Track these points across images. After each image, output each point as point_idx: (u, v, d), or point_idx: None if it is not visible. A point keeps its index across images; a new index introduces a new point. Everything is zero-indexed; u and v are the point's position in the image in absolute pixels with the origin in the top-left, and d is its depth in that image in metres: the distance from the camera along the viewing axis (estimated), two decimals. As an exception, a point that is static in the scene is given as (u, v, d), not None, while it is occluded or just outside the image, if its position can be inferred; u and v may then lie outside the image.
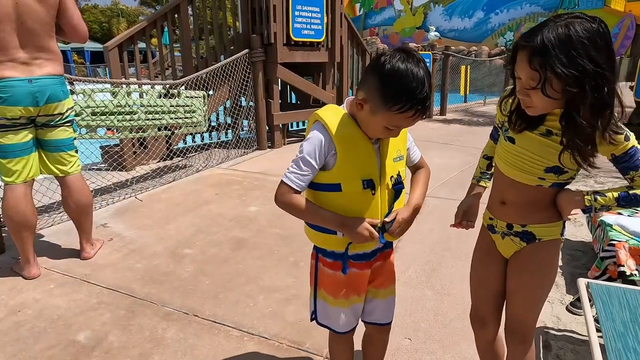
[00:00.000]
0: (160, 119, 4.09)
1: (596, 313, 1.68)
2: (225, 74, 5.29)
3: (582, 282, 1.86)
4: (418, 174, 1.45)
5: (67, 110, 2.58)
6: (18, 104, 2.33)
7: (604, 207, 1.22)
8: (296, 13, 5.63)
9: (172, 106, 4.19)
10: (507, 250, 1.40)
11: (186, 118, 4.33)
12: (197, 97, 4.42)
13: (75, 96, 3.54)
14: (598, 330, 1.62)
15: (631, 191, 1.18)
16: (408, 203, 1.35)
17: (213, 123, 5.96)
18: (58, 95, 2.47)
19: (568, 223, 3.37)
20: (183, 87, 4.77)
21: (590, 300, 1.79)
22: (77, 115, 3.43)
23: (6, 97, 2.29)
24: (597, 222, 2.48)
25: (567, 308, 2.26)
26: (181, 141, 5.55)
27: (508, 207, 1.34)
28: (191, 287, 2.47)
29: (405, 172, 1.38)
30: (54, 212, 3.50)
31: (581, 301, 1.76)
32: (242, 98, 5.80)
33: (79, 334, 2.06)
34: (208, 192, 4.13)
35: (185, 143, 5.73)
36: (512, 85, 1.23)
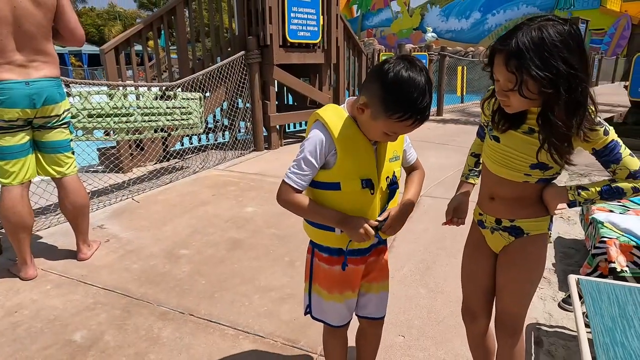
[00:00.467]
0: (156, 121, 4.11)
1: (586, 309, 1.70)
2: (221, 76, 5.31)
3: (573, 279, 1.89)
4: (413, 175, 1.48)
5: (64, 112, 2.59)
6: (15, 106, 2.34)
7: (588, 201, 1.23)
8: (292, 14, 5.66)
9: (169, 108, 4.21)
10: (497, 245, 1.43)
11: (182, 120, 4.35)
12: (194, 99, 4.44)
13: (71, 98, 3.56)
14: (587, 325, 1.64)
15: (613, 184, 1.20)
16: (401, 202, 1.38)
17: (210, 125, 5.98)
18: (55, 97, 2.49)
19: (561, 220, 3.41)
20: (179, 89, 4.79)
21: (580, 296, 1.82)
22: (74, 117, 3.45)
23: (3, 100, 2.31)
24: (589, 220, 2.51)
25: (559, 305, 2.28)
26: (178, 143, 5.57)
27: (496, 203, 1.37)
28: (187, 287, 2.49)
29: (400, 172, 1.40)
30: (51, 214, 3.52)
31: (571, 297, 1.79)
32: (239, 100, 5.83)
33: (75, 334, 2.07)
34: (205, 194, 4.14)
35: (182, 145, 5.75)
36: (493, 87, 1.26)
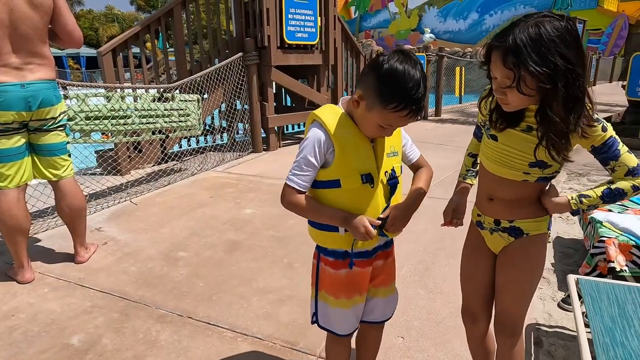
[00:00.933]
0: (154, 123, 4.10)
1: (586, 309, 1.70)
2: (219, 78, 5.30)
3: (572, 279, 1.88)
4: (419, 173, 1.46)
5: (60, 114, 2.58)
6: (11, 109, 2.33)
7: (591, 207, 1.23)
8: (289, 16, 5.65)
9: (166, 110, 4.20)
10: (496, 245, 1.42)
11: (180, 122, 4.34)
12: (191, 101, 4.43)
13: (68, 101, 3.55)
14: (587, 325, 1.64)
15: (612, 186, 1.20)
16: (404, 199, 1.37)
17: (208, 126, 5.97)
18: (50, 99, 2.48)
19: (560, 220, 3.40)
20: (177, 91, 4.78)
21: (579, 296, 1.81)
22: (71, 119, 3.44)
23: None
24: (588, 220, 2.50)
25: (559, 305, 2.27)
26: (176, 145, 5.56)
27: (495, 204, 1.36)
28: (185, 290, 2.48)
29: (400, 169, 1.39)
30: (48, 217, 3.50)
31: (570, 297, 1.78)
32: (237, 101, 5.82)
33: (73, 338, 2.06)
34: (203, 195, 4.13)
35: (180, 147, 5.74)
36: (490, 85, 1.25)
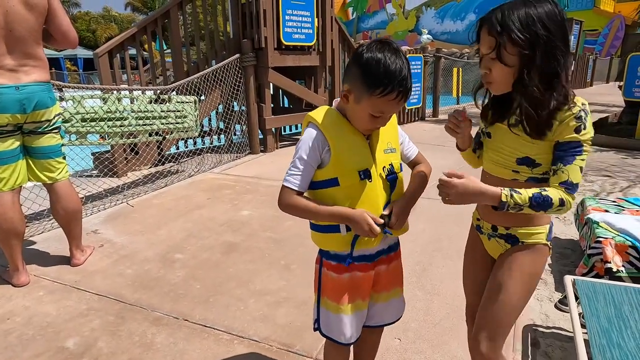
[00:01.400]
0: (151, 125, 4.09)
1: (582, 309, 1.70)
2: (216, 79, 5.30)
3: (569, 279, 1.88)
4: (417, 168, 1.45)
5: (55, 117, 2.57)
6: (5, 112, 2.32)
7: (518, 206, 1.17)
8: (287, 17, 5.66)
9: (163, 111, 4.19)
10: (494, 251, 1.40)
11: (177, 123, 4.33)
12: (188, 102, 4.42)
13: (64, 102, 3.54)
14: (584, 326, 1.64)
15: (544, 192, 1.15)
16: (404, 194, 1.36)
17: (205, 128, 5.96)
18: (45, 102, 2.47)
19: (557, 221, 3.41)
20: (174, 93, 4.77)
21: (576, 297, 1.81)
22: (67, 121, 3.43)
23: None
24: (584, 220, 2.50)
25: (556, 305, 2.27)
26: (173, 146, 5.54)
27: (492, 209, 1.33)
28: (182, 292, 2.47)
29: (399, 166, 1.38)
30: (44, 219, 3.49)
31: (567, 298, 1.78)
32: (234, 102, 5.81)
33: (68, 341, 2.05)
34: (200, 197, 4.12)
35: (177, 148, 5.73)
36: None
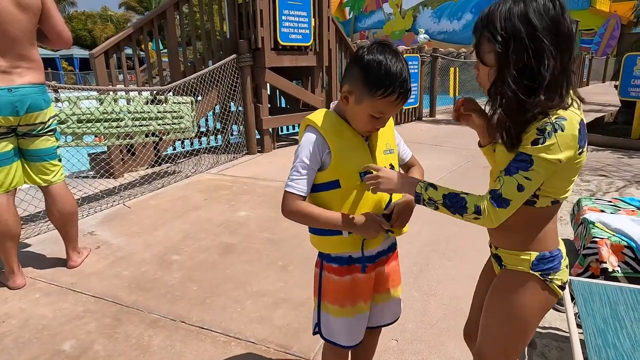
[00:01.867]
0: (147, 125, 4.08)
1: (578, 310, 1.70)
2: (213, 79, 5.29)
3: (565, 280, 1.89)
4: (413, 170, 1.47)
5: (49, 119, 2.55)
6: None
7: (432, 201, 1.11)
8: (283, 17, 5.65)
9: (160, 112, 4.18)
10: (496, 271, 1.32)
11: (174, 124, 4.32)
12: (185, 103, 4.41)
13: (60, 104, 3.52)
14: (580, 326, 1.64)
15: (462, 194, 1.09)
16: (405, 195, 1.36)
17: (202, 128, 5.95)
18: (39, 104, 2.44)
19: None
20: (170, 93, 4.76)
21: (572, 297, 1.82)
22: (63, 122, 3.42)
23: None
24: (580, 220, 2.51)
25: (552, 306, 2.28)
26: (170, 147, 5.53)
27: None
28: (179, 294, 2.46)
29: (398, 168, 1.39)
30: (41, 221, 3.47)
31: (563, 298, 1.79)
32: (231, 103, 5.80)
33: (64, 344, 2.04)
34: (197, 198, 4.11)
35: (174, 149, 5.71)
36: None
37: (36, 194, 3.37)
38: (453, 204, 1.08)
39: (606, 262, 2.14)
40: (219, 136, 6.09)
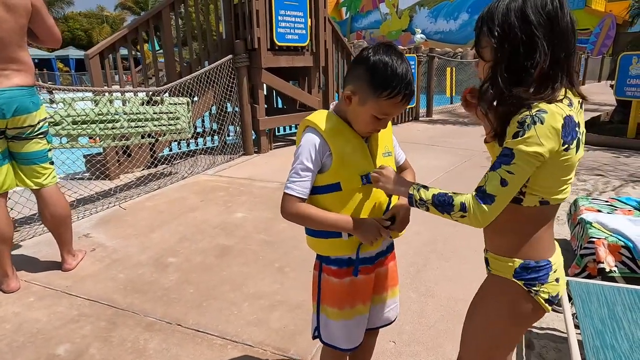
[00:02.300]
0: (143, 127, 4.05)
1: (576, 310, 1.70)
2: (209, 80, 5.27)
3: (562, 280, 1.88)
4: (406, 174, 1.47)
5: (39, 122, 2.50)
6: None
7: (422, 202, 1.10)
8: (280, 18, 5.63)
9: (156, 113, 4.16)
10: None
11: (170, 125, 4.30)
12: (181, 104, 4.39)
13: (55, 105, 3.50)
14: (578, 327, 1.64)
15: (451, 193, 1.08)
16: (401, 198, 1.35)
17: (199, 129, 5.93)
18: (27, 107, 2.39)
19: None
20: (167, 94, 4.73)
21: (570, 297, 1.81)
22: (57, 124, 3.39)
23: None
24: (577, 220, 2.51)
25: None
26: (166, 148, 5.51)
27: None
28: (175, 296, 2.44)
29: (395, 169, 1.39)
30: (35, 224, 3.44)
31: (561, 299, 1.78)
32: (228, 104, 5.78)
33: (59, 348, 2.02)
34: (193, 199, 4.09)
35: (170, 150, 5.69)
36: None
37: (31, 196, 3.34)
38: (441, 203, 1.07)
39: (603, 263, 2.14)
40: (216, 137, 6.07)
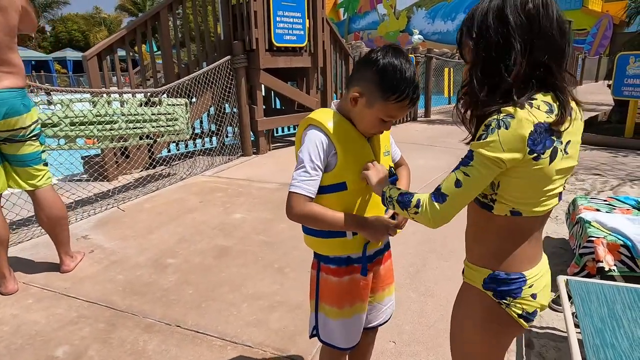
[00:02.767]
0: (141, 128, 4.05)
1: (575, 309, 1.70)
2: (207, 81, 5.26)
3: (562, 280, 1.89)
4: (401, 170, 1.47)
5: (31, 124, 2.46)
6: None
7: (390, 200, 1.10)
8: (277, 18, 5.63)
9: (154, 114, 4.15)
10: None
11: (168, 126, 4.29)
12: (179, 105, 4.38)
13: (53, 106, 3.49)
14: (577, 326, 1.64)
15: (413, 193, 1.07)
16: None
17: (197, 130, 5.92)
18: (18, 109, 2.36)
19: (550, 220, 3.42)
20: (165, 95, 4.73)
21: (569, 297, 1.81)
22: (55, 125, 3.38)
23: None
24: (576, 219, 2.52)
25: (549, 305, 2.27)
26: (164, 149, 5.50)
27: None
28: (174, 297, 2.44)
29: (392, 166, 1.41)
30: (33, 225, 3.43)
31: (560, 298, 1.78)
32: (226, 104, 5.78)
33: (58, 350, 2.01)
34: (192, 200, 4.08)
35: (168, 151, 5.68)
36: None
37: (29, 198, 3.33)
38: (402, 200, 1.06)
39: (602, 261, 2.14)
40: (214, 138, 6.06)
